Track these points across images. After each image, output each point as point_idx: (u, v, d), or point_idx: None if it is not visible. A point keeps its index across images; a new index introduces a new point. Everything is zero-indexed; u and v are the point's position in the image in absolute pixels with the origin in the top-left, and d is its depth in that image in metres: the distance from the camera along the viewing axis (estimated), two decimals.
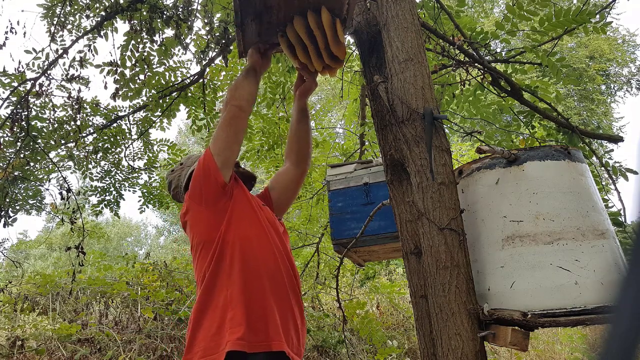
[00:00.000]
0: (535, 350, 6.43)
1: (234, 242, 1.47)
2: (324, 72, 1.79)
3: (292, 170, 1.85)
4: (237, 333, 1.33)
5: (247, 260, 1.45)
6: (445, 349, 1.29)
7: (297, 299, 1.54)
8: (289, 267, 1.56)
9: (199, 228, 1.54)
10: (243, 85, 1.63)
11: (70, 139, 4.14)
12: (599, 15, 2.78)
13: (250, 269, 1.44)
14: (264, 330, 1.37)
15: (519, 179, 1.36)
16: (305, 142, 1.86)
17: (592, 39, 13.88)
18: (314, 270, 5.89)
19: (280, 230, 1.66)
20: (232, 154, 1.54)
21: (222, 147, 1.52)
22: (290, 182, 1.86)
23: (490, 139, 3.11)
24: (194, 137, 16.18)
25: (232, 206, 1.52)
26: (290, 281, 1.53)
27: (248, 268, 1.44)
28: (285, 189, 1.85)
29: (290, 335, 1.44)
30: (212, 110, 4.36)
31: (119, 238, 22.83)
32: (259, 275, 1.45)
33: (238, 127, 1.57)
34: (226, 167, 1.52)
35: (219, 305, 1.40)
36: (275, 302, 1.43)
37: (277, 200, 1.83)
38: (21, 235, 17.32)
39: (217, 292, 1.43)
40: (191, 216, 1.57)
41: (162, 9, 3.42)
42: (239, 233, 1.49)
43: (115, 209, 4.90)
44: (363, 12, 1.86)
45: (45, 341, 4.25)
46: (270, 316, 1.40)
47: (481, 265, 1.38)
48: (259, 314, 1.39)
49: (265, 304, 1.41)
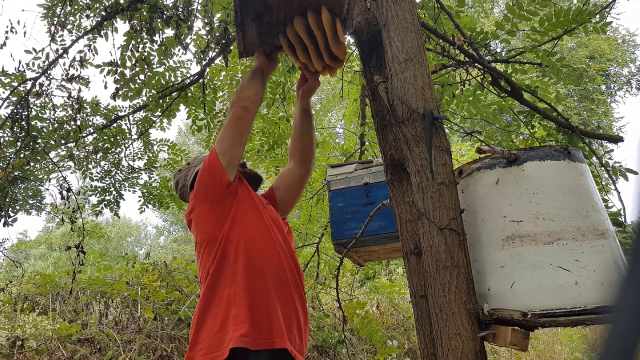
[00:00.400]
0: (535, 350, 6.43)
1: (238, 240, 1.48)
2: (324, 72, 1.80)
3: (296, 170, 1.87)
4: (241, 330, 1.34)
5: (251, 258, 1.46)
6: (445, 349, 1.30)
7: (300, 297, 1.55)
8: (293, 265, 1.57)
9: (203, 226, 1.56)
10: (249, 86, 1.65)
11: (70, 139, 4.14)
12: (599, 15, 2.78)
13: (254, 268, 1.45)
14: (268, 328, 1.38)
15: (519, 179, 1.36)
16: (308, 141, 1.88)
17: (592, 39, 13.89)
18: (314, 270, 5.89)
19: (285, 230, 1.67)
20: (237, 154, 1.56)
21: (227, 147, 1.54)
22: (294, 181, 1.87)
23: (490, 139, 3.11)
24: (194, 137, 16.17)
25: (236, 205, 1.53)
26: (294, 280, 1.54)
27: (252, 266, 1.45)
28: (289, 189, 1.87)
29: (293, 334, 1.45)
30: (212, 110, 4.35)
31: (119, 238, 22.83)
32: (263, 274, 1.46)
33: (243, 128, 1.58)
34: (231, 167, 1.53)
35: (223, 302, 1.41)
36: (278, 301, 1.44)
37: (281, 199, 1.84)
38: (21, 235, 17.32)
39: (221, 289, 1.43)
40: (196, 214, 1.59)
41: (162, 9, 3.42)
42: (243, 232, 1.50)
43: (115, 209, 4.90)
44: (363, 12, 1.86)
45: (45, 341, 4.25)
46: (273, 314, 1.41)
47: (481, 265, 1.38)
48: (263, 312, 1.40)
49: (269, 303, 1.42)
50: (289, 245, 1.61)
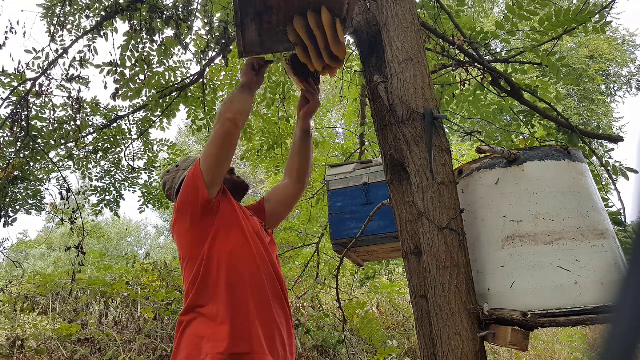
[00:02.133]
0: (535, 350, 6.43)
1: (220, 257, 1.50)
2: (324, 72, 1.79)
3: (291, 187, 1.89)
4: (219, 348, 1.35)
5: (232, 275, 1.48)
6: (445, 349, 1.29)
7: (283, 309, 1.56)
8: (275, 277, 1.58)
9: (184, 243, 1.58)
10: (240, 100, 1.63)
11: (70, 139, 4.14)
12: (599, 15, 2.78)
13: (235, 284, 1.47)
14: (247, 346, 1.39)
15: (519, 179, 1.36)
16: (306, 160, 1.90)
17: (592, 39, 13.89)
18: (314, 270, 5.89)
19: (267, 241, 1.67)
20: (221, 172, 1.56)
21: (212, 165, 1.53)
22: (288, 197, 1.90)
23: (490, 139, 3.11)
24: (194, 137, 16.17)
25: (218, 222, 1.54)
26: (274, 292, 1.55)
27: (233, 283, 1.47)
28: (281, 204, 1.89)
29: (275, 347, 1.46)
30: (212, 110, 4.35)
31: (119, 238, 22.83)
32: (244, 290, 1.47)
33: (231, 145, 1.57)
34: (214, 185, 1.54)
35: (205, 319, 1.42)
36: (259, 316, 1.45)
37: (270, 212, 1.86)
38: (21, 235, 17.34)
39: (204, 305, 1.45)
40: (178, 230, 1.60)
41: (162, 9, 3.42)
42: (224, 248, 1.51)
43: (115, 209, 4.90)
44: (363, 12, 1.86)
45: (45, 341, 4.25)
46: (254, 331, 1.42)
47: (481, 265, 1.38)
48: (243, 330, 1.41)
49: (249, 320, 1.43)
50: (271, 257, 1.62)
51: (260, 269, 1.53)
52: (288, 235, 5.90)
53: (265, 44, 1.79)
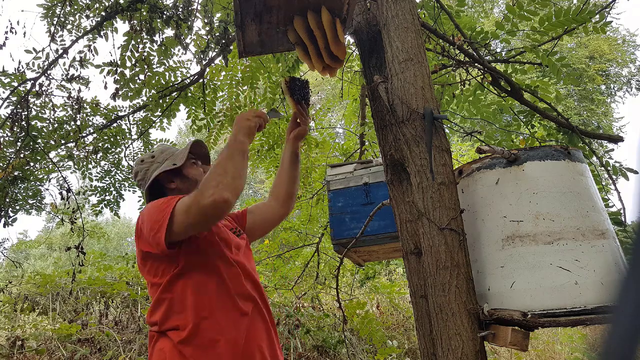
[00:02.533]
0: (535, 350, 6.43)
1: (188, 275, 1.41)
2: (324, 72, 1.79)
3: (276, 208, 1.85)
4: None
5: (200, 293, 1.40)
6: (445, 349, 1.29)
7: (262, 317, 1.49)
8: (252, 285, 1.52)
9: (147, 269, 1.48)
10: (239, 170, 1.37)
11: (70, 139, 4.14)
12: (598, 15, 2.78)
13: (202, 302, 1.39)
14: None
15: (519, 179, 1.36)
16: (293, 183, 1.85)
17: (592, 39, 13.89)
18: (314, 270, 5.89)
19: (242, 245, 1.60)
20: (196, 231, 1.41)
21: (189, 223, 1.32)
22: (272, 216, 1.85)
23: (490, 139, 3.11)
24: (194, 137, 16.15)
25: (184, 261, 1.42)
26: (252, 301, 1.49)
27: (200, 301, 1.39)
28: (265, 221, 1.84)
29: None
30: (212, 110, 4.35)
31: (119, 238, 22.83)
32: (211, 308, 1.39)
33: (215, 217, 1.34)
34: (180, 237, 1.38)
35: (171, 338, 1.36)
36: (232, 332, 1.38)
37: (252, 224, 1.81)
38: (21, 235, 17.34)
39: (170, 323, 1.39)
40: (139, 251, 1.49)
41: (162, 9, 3.42)
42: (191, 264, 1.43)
43: (115, 208, 4.90)
44: (363, 12, 1.86)
45: (45, 341, 4.25)
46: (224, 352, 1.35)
47: (481, 265, 1.38)
48: (212, 350, 1.35)
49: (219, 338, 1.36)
50: (246, 264, 1.55)
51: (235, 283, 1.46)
52: (288, 235, 5.90)
53: (265, 44, 1.80)
